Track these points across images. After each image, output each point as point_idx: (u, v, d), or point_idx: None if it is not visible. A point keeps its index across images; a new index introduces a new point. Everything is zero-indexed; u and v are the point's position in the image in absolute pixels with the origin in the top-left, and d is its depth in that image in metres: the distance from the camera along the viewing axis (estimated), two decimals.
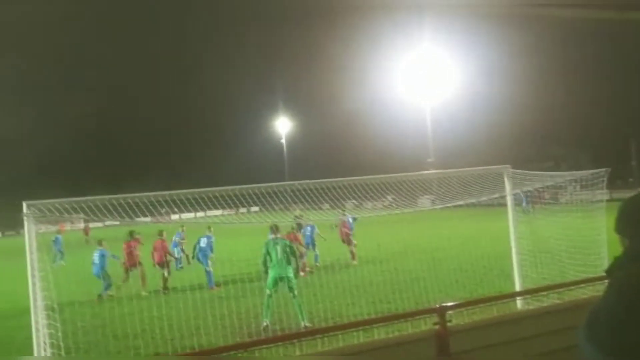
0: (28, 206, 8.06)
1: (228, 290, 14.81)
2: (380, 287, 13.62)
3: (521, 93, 52.61)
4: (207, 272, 16.38)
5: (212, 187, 10.26)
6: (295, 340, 6.45)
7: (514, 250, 11.14)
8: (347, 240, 19.03)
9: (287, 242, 11.50)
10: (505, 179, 11.10)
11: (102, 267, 16.05)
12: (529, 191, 12.84)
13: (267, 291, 10.92)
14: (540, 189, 13.44)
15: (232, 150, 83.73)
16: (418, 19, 50.18)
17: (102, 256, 16.16)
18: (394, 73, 57.39)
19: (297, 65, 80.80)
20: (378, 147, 60.50)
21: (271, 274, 10.97)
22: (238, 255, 19.28)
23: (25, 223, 8.18)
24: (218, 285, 15.96)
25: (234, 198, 12.21)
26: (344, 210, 22.69)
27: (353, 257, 18.69)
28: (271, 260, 11.02)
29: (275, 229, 11.62)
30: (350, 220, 18.86)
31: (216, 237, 17.70)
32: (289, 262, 11.12)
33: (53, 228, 26.64)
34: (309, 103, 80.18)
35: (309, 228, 18.21)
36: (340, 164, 57.55)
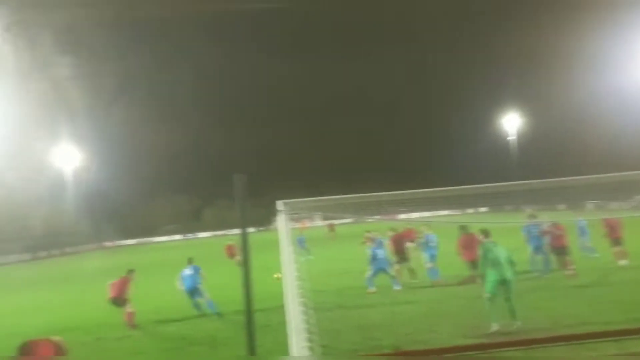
0: (283, 204, 9.10)
1: (456, 291, 14.84)
2: (634, 295, 12.37)
3: None
4: (429, 269, 16.97)
5: (439, 187, 10.39)
6: (537, 345, 6.28)
7: None
8: (615, 241, 17.50)
9: (504, 250, 11.04)
10: None
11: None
12: None
13: (487, 295, 10.67)
14: None
15: (458, 149, 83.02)
16: None
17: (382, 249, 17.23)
18: (635, 59, 50.93)
19: (529, 59, 76.34)
20: (621, 141, 54.27)
21: (491, 277, 10.71)
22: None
23: (280, 220, 9.26)
24: (444, 286, 15.96)
25: (462, 198, 12.18)
26: (582, 212, 20.89)
27: (621, 258, 17.15)
28: (490, 264, 10.80)
29: (486, 233, 11.58)
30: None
31: (441, 237, 17.76)
32: (508, 265, 10.75)
33: (297, 224, 29.45)
34: (541, 97, 75.17)
35: (533, 227, 17.00)
36: (578, 161, 52.97)
